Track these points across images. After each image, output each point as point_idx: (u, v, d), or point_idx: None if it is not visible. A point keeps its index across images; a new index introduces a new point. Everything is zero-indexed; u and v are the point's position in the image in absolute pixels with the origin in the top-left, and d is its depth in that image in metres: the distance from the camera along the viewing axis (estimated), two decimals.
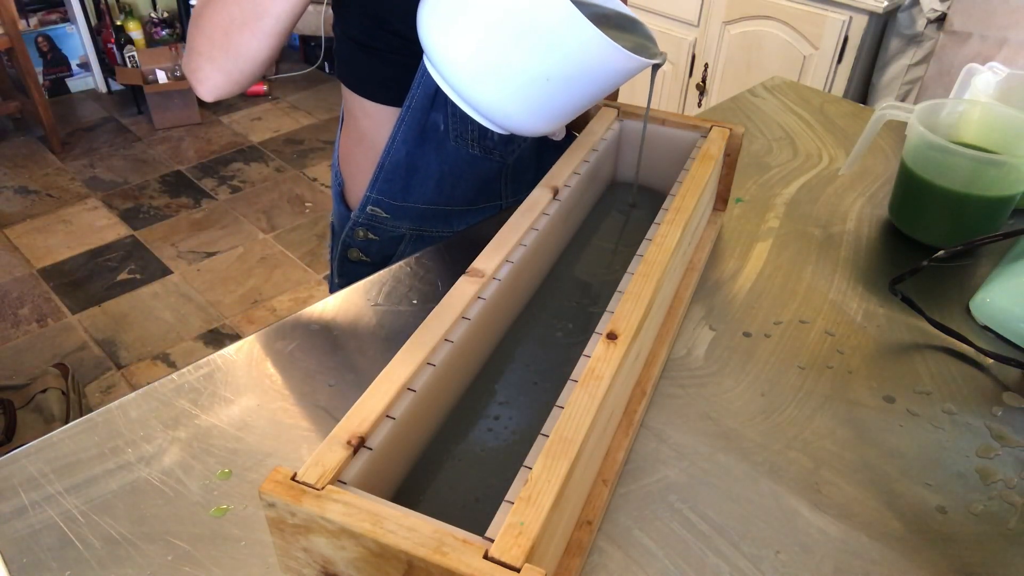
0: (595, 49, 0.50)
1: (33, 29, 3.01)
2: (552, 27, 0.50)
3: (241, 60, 0.64)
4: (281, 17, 0.62)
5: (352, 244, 0.85)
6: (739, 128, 0.72)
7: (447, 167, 0.78)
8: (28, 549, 0.47)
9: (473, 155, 0.78)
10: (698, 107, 2.17)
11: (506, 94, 0.54)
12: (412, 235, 0.83)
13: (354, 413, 0.42)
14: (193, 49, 0.66)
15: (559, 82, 0.53)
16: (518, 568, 0.35)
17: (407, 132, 0.76)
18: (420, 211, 0.81)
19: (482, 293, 0.52)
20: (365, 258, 0.86)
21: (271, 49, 0.64)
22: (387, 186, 0.80)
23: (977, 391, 0.60)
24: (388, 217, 0.82)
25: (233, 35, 0.63)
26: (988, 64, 0.85)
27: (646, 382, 0.58)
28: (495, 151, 0.79)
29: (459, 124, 0.75)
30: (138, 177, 2.68)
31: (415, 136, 0.76)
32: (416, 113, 0.74)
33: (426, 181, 0.79)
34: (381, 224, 0.83)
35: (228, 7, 0.62)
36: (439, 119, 0.75)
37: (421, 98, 0.73)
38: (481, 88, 0.54)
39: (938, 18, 1.70)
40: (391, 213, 0.82)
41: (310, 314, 0.67)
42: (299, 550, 0.40)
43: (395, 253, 0.84)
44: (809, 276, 0.72)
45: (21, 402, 1.58)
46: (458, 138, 0.76)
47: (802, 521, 0.50)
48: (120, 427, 0.56)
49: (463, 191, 0.81)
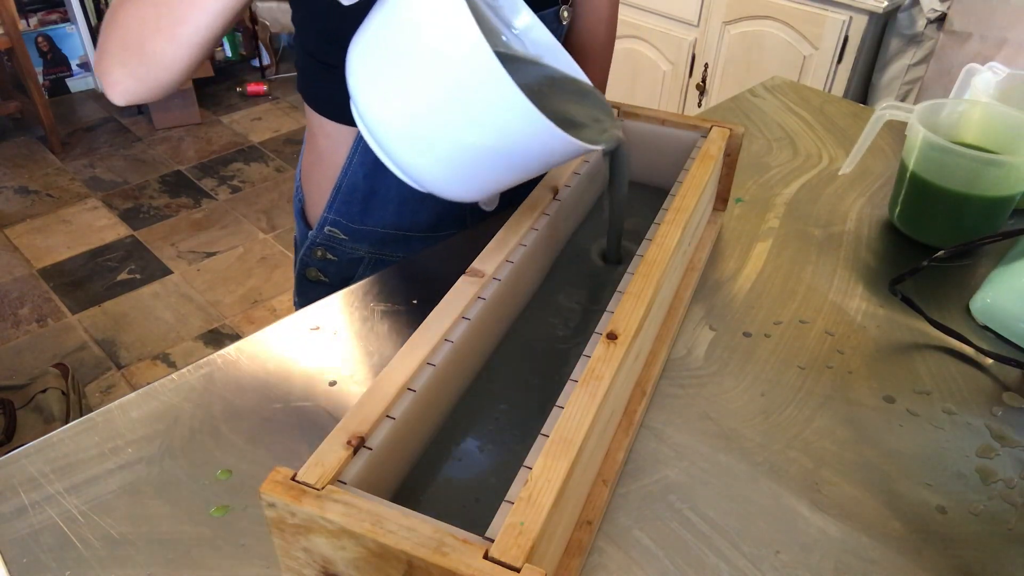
0: (529, 126, 0.44)
1: (33, 29, 3.01)
2: (484, 97, 0.44)
3: (156, 67, 0.59)
4: (200, 28, 0.56)
5: (310, 263, 0.82)
6: (739, 128, 0.72)
7: (407, 191, 0.75)
8: (28, 549, 0.47)
9: None
10: (698, 107, 2.17)
11: (432, 159, 0.49)
12: (371, 258, 0.81)
13: (354, 413, 0.42)
14: (104, 50, 0.60)
15: (492, 155, 0.47)
16: (518, 568, 0.35)
17: (364, 155, 0.74)
18: (380, 235, 0.79)
19: (482, 293, 0.52)
20: (323, 278, 0.83)
21: (190, 59, 0.59)
22: (345, 208, 0.77)
23: (977, 391, 0.60)
24: (346, 239, 0.80)
25: (147, 40, 0.57)
26: (988, 64, 0.85)
27: (646, 382, 0.58)
28: None
29: None
30: (138, 177, 2.68)
31: (372, 159, 0.73)
32: None
33: (386, 205, 0.77)
34: (339, 246, 0.80)
35: (142, 8, 0.57)
36: None
37: None
38: (406, 149, 0.49)
39: (938, 18, 1.70)
40: (349, 235, 0.79)
41: (310, 314, 0.67)
42: (299, 550, 0.40)
43: (354, 275, 0.82)
44: (809, 276, 0.72)
45: (21, 402, 1.58)
46: None
47: (802, 521, 0.50)
48: (120, 427, 0.56)
49: (425, 216, 0.78)
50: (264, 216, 2.49)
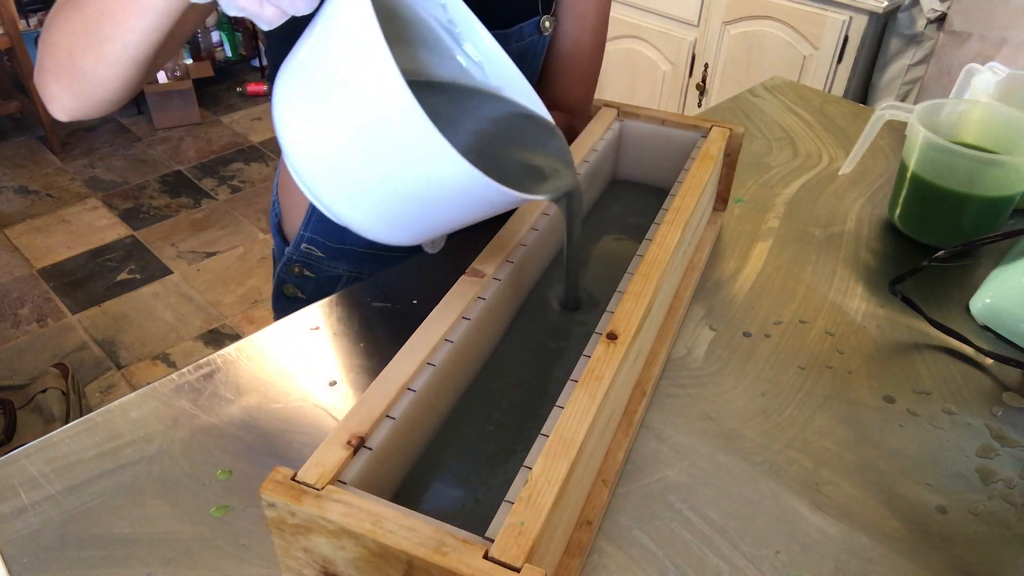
0: (461, 176, 0.40)
1: (33, 29, 3.01)
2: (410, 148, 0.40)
3: (89, 85, 0.55)
4: (129, 46, 0.52)
5: (287, 279, 0.80)
6: (739, 128, 0.72)
7: None
8: (28, 549, 0.47)
9: None
10: (698, 107, 2.17)
11: (361, 206, 0.45)
12: (350, 277, 0.80)
13: (354, 413, 0.42)
14: (41, 64, 0.57)
15: (425, 204, 0.43)
16: (518, 568, 0.35)
17: None
18: (356, 254, 0.77)
19: (482, 293, 0.52)
20: (300, 295, 0.81)
21: (124, 79, 0.55)
22: (320, 226, 0.76)
23: (977, 391, 0.60)
24: (324, 256, 0.78)
25: (78, 57, 0.54)
26: (988, 64, 0.85)
27: (646, 382, 0.58)
28: None
29: None
30: (138, 177, 2.68)
31: None
32: None
33: None
34: (317, 263, 0.78)
35: (71, 23, 0.53)
36: None
37: None
38: (333, 194, 0.44)
39: (938, 18, 1.70)
40: (326, 253, 0.77)
41: (310, 314, 0.67)
42: (299, 550, 0.40)
43: (332, 292, 0.78)
44: (809, 276, 0.72)
45: (21, 402, 1.58)
46: None
47: (802, 521, 0.50)
48: (120, 427, 0.56)
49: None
50: (264, 216, 2.49)
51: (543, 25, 0.74)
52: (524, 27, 0.71)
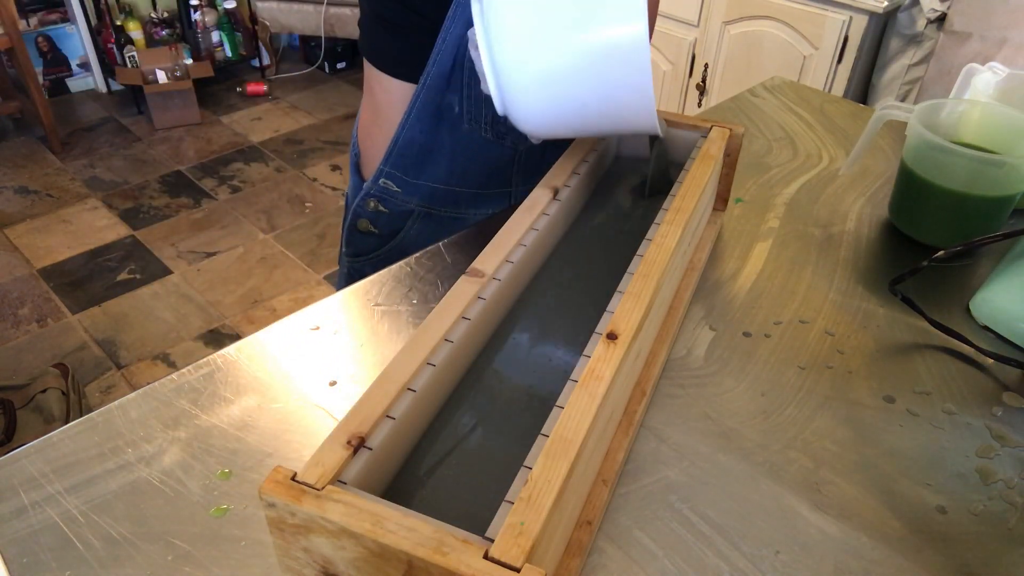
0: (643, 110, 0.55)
1: (33, 29, 3.01)
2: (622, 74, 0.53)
3: None
4: None
5: (363, 214, 0.85)
6: (739, 128, 0.72)
7: (459, 148, 0.79)
8: (28, 549, 0.47)
9: (486, 139, 0.78)
10: (698, 107, 2.17)
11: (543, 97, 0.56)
12: (421, 212, 0.83)
13: (354, 413, 0.42)
14: None
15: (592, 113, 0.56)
16: (518, 568, 0.35)
17: (421, 111, 0.76)
18: (431, 189, 0.81)
19: (482, 293, 0.52)
20: (374, 229, 0.86)
21: None
22: (400, 161, 0.80)
23: (977, 391, 0.60)
24: (399, 192, 0.82)
25: None
26: (988, 64, 0.85)
27: (646, 382, 0.58)
28: (507, 137, 0.79)
29: (473, 107, 0.76)
30: (138, 177, 2.68)
31: (429, 115, 0.76)
32: (431, 92, 0.74)
33: (439, 160, 0.79)
34: (392, 197, 0.83)
35: None
36: (454, 100, 0.75)
37: (436, 77, 0.73)
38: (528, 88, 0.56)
39: (938, 18, 1.70)
40: (402, 188, 0.82)
41: (310, 314, 0.67)
42: (299, 550, 0.40)
43: (403, 227, 0.85)
44: (809, 276, 0.72)
45: (21, 402, 1.58)
46: (472, 121, 0.77)
47: (802, 521, 0.50)
48: (120, 427, 0.56)
49: (474, 174, 0.81)
50: (264, 216, 2.49)
51: None
52: None
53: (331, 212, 2.52)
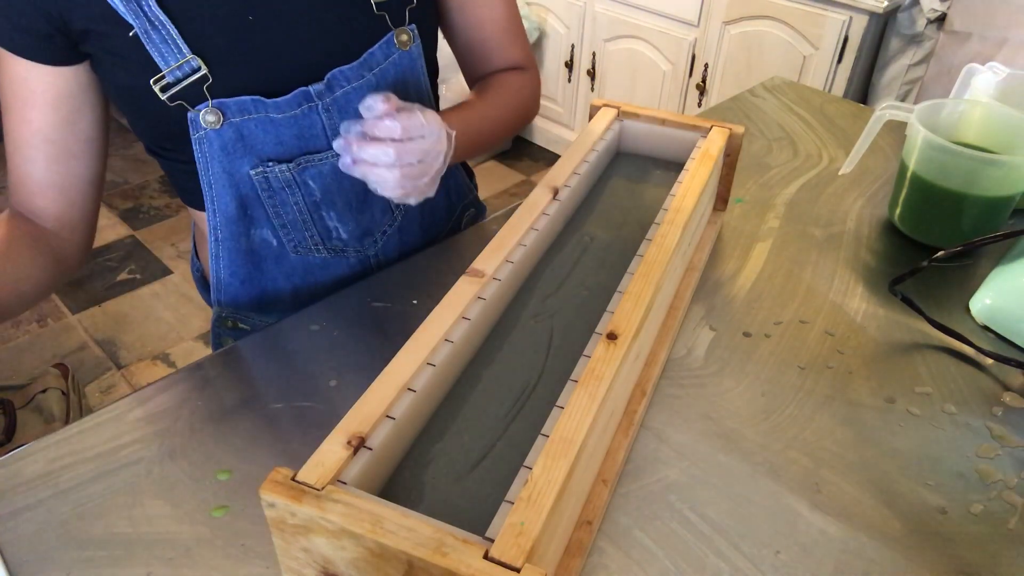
0: None
1: None
2: None
3: None
4: None
5: (223, 334, 0.76)
6: (739, 128, 0.72)
7: (298, 279, 0.72)
8: (28, 549, 0.47)
9: (324, 259, 0.72)
10: (698, 107, 2.17)
11: None
12: None
13: (354, 413, 0.42)
14: None
15: None
16: (518, 568, 0.35)
17: (232, 259, 0.69)
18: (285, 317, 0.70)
19: (482, 293, 0.52)
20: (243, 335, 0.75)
21: None
22: (234, 305, 0.72)
23: (977, 391, 0.60)
24: (254, 313, 0.75)
25: None
26: (988, 64, 0.85)
27: (646, 382, 0.58)
28: (348, 249, 0.73)
29: (294, 234, 0.69)
30: (138, 177, 2.68)
31: (244, 260, 0.69)
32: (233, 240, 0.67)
33: (279, 296, 0.73)
34: (248, 318, 0.75)
35: None
36: (266, 234, 0.69)
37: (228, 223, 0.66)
38: None
39: (938, 18, 1.70)
40: (254, 310, 0.74)
41: (310, 314, 0.67)
42: (299, 550, 0.40)
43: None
44: (809, 276, 0.72)
45: (21, 402, 1.58)
46: (298, 248, 0.70)
47: (802, 521, 0.50)
48: (120, 427, 0.56)
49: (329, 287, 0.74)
50: None
51: (399, 40, 0.66)
52: (375, 51, 0.65)
53: None
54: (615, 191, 0.73)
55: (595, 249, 0.65)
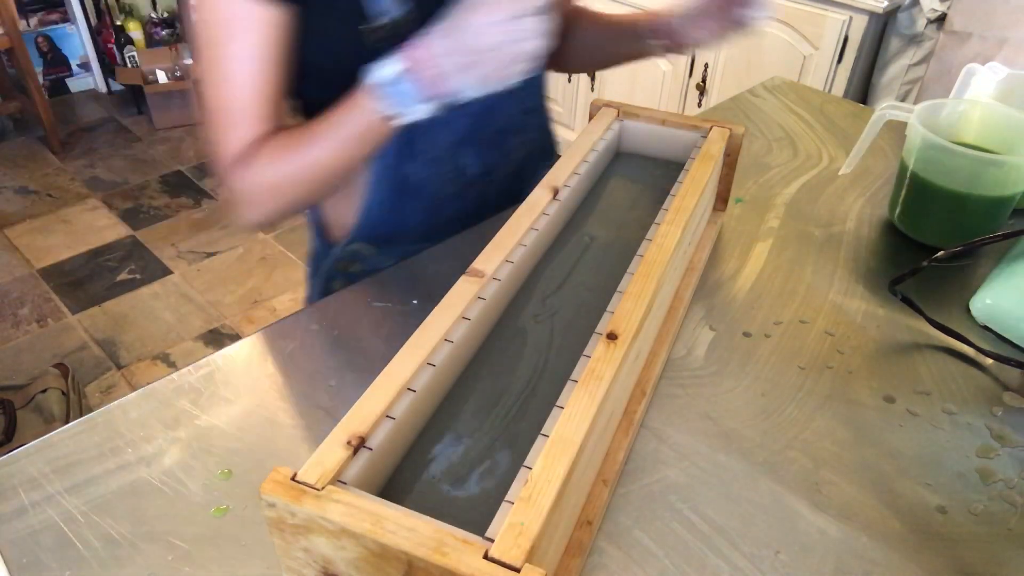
0: None
1: (33, 29, 3.01)
2: None
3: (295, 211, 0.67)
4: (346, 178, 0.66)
5: (336, 276, 0.81)
6: (739, 128, 0.72)
7: (430, 213, 0.78)
8: (28, 549, 0.47)
9: (452, 194, 0.78)
10: (698, 107, 2.16)
11: None
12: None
13: (354, 413, 0.42)
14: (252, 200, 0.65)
15: None
16: (518, 568, 0.35)
17: (381, 183, 0.74)
18: (406, 251, 0.78)
19: (482, 293, 0.52)
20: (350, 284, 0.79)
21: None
22: (370, 231, 0.78)
23: (977, 391, 0.60)
24: (375, 252, 0.80)
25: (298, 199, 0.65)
26: (988, 64, 0.85)
27: (646, 382, 0.58)
28: (475, 184, 0.79)
29: (434, 169, 0.75)
30: (138, 177, 2.67)
31: (391, 190, 0.75)
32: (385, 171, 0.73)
33: (412, 229, 0.78)
34: (366, 259, 0.80)
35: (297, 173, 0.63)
36: (412, 168, 0.74)
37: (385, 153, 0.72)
38: None
39: (938, 18, 1.70)
40: (378, 248, 0.80)
41: (310, 314, 0.67)
42: (299, 550, 0.40)
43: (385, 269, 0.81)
44: (809, 276, 0.72)
45: (21, 402, 1.58)
46: (434, 182, 0.76)
47: (802, 521, 0.50)
48: (120, 427, 0.56)
49: (453, 222, 0.79)
50: None
51: None
52: None
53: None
54: (615, 191, 0.73)
55: (595, 249, 0.65)
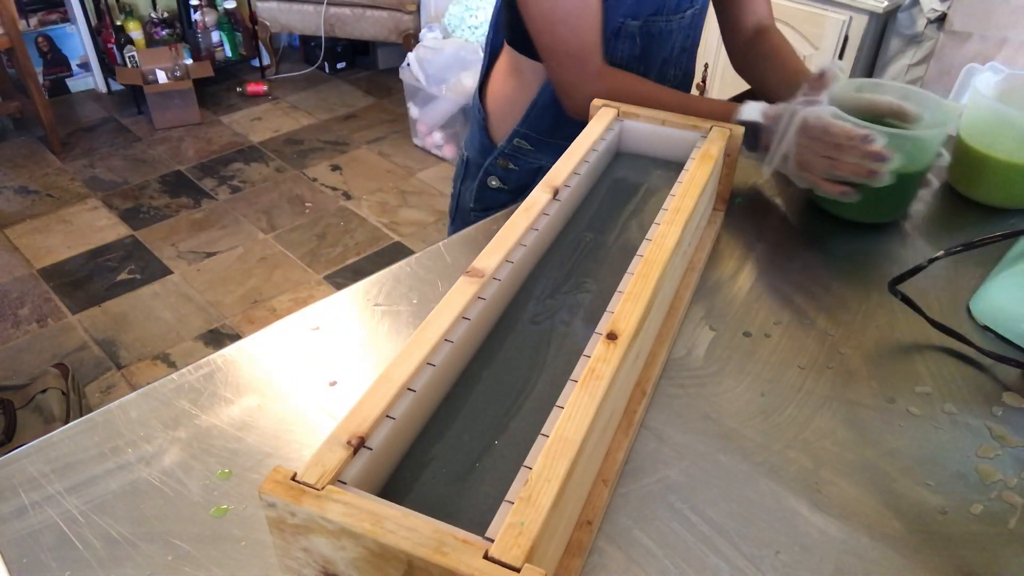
0: None
1: (33, 29, 3.01)
2: None
3: None
4: None
5: (494, 172, 0.96)
6: (739, 128, 0.72)
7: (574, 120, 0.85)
8: (28, 549, 0.47)
9: None
10: None
11: None
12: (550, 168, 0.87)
13: (354, 413, 0.42)
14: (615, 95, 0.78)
15: None
16: (518, 568, 0.35)
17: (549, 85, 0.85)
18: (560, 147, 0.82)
19: (482, 293, 0.52)
20: (504, 186, 0.97)
21: None
22: (537, 122, 0.90)
23: (977, 391, 0.60)
24: (532, 150, 0.92)
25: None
26: (988, 64, 0.85)
27: (646, 382, 0.58)
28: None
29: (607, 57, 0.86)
30: (138, 177, 2.68)
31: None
32: None
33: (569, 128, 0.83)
34: (523, 156, 0.93)
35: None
36: None
37: None
38: None
39: (938, 18, 1.70)
40: (535, 146, 0.92)
41: (310, 314, 0.67)
42: (299, 550, 0.40)
43: (531, 184, 0.91)
44: (809, 276, 0.72)
45: (21, 402, 1.58)
46: None
47: (802, 521, 0.50)
48: (120, 427, 0.56)
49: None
50: (264, 216, 2.49)
51: None
52: None
53: (331, 212, 2.52)
54: (615, 191, 0.73)
55: (595, 249, 0.65)
